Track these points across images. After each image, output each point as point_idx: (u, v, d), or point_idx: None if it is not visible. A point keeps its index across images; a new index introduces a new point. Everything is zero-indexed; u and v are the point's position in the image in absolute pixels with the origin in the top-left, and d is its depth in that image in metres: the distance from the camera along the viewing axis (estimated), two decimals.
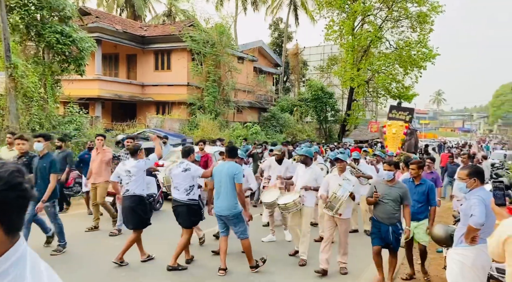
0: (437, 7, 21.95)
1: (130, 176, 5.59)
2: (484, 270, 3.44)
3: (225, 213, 5.23)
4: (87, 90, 18.73)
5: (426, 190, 5.29)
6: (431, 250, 6.96)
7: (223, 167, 5.32)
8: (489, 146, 32.53)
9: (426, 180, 5.44)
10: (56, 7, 12.71)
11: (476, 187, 3.51)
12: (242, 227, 5.32)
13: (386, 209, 4.94)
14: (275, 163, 7.48)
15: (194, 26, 20.88)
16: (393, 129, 14.61)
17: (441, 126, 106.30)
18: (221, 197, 5.23)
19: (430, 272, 5.85)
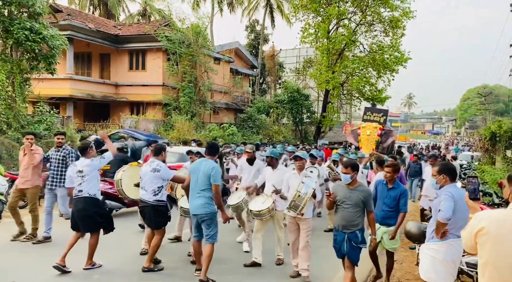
0: (408, 13, 22.64)
1: (83, 177, 5.21)
2: (455, 264, 3.57)
3: (199, 211, 4.92)
4: (58, 89, 18.16)
5: (398, 195, 4.95)
6: (404, 248, 7.16)
7: (200, 164, 5.05)
8: (458, 148, 33.81)
9: (400, 185, 5.10)
10: (25, 2, 12.29)
11: (446, 183, 3.65)
12: (213, 230, 4.97)
13: (345, 215, 4.39)
14: (246, 164, 6.97)
15: (170, 26, 20.65)
16: (367, 131, 14.66)
17: (412, 128, 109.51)
18: (195, 195, 4.97)
19: (403, 269, 6.00)
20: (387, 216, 4.97)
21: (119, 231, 5.96)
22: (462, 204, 3.27)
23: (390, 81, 24.34)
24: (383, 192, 5.07)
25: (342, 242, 4.39)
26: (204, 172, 4.93)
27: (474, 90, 76.72)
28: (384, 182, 5.12)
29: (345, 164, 4.53)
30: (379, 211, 4.97)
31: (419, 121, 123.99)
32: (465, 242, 2.27)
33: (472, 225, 2.20)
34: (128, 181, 5.93)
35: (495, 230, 2.09)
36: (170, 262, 5.74)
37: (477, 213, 2.26)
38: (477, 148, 30.11)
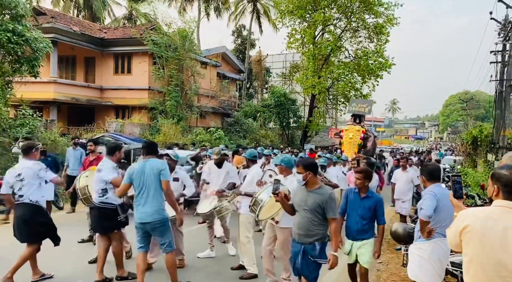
0: (392, 19, 23.08)
1: (21, 180, 4.72)
2: (441, 263, 3.64)
3: (150, 219, 4.40)
4: (42, 93, 17.83)
5: (373, 205, 4.30)
6: (389, 249, 7.26)
7: (144, 166, 4.46)
8: (442, 153, 34.51)
9: (374, 193, 4.49)
10: (7, 4, 12.04)
11: (425, 183, 3.79)
12: (168, 237, 4.50)
13: (301, 223, 3.71)
14: (214, 167, 6.44)
15: (156, 30, 20.55)
16: (350, 134, 14.16)
17: (396, 133, 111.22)
18: (145, 201, 4.41)
19: (389, 271, 6.07)
20: (361, 229, 4.30)
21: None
22: (446, 203, 3.34)
23: (375, 87, 24.71)
24: (355, 202, 4.37)
25: (296, 255, 3.72)
26: (153, 173, 4.40)
27: (456, 96, 78.49)
28: (356, 191, 4.42)
29: (297, 162, 3.98)
30: (352, 223, 4.34)
31: (403, 126, 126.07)
32: (451, 240, 2.31)
33: (457, 223, 2.25)
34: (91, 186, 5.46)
35: (480, 228, 2.14)
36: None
37: (462, 211, 2.31)
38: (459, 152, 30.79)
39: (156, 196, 4.42)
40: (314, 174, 3.71)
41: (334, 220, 3.68)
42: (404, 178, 8.23)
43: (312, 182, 3.72)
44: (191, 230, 7.61)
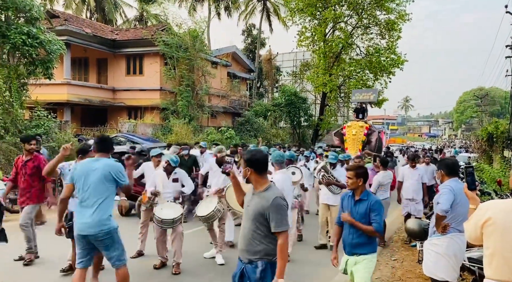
0: (404, 15, 22.81)
1: None
2: (457, 258, 3.58)
3: (92, 231, 3.69)
4: (56, 94, 18.12)
5: (368, 209, 3.50)
6: (404, 246, 7.17)
7: (90, 166, 3.78)
8: (457, 150, 33.99)
9: (370, 195, 3.66)
10: (22, 7, 12.28)
11: (443, 178, 3.71)
12: (117, 250, 3.83)
13: (242, 234, 2.91)
14: (216, 166, 6.26)
15: (167, 31, 20.69)
16: (353, 131, 13.60)
17: (409, 131, 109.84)
18: (86, 210, 3.71)
19: (404, 268, 5.99)
20: (355, 242, 3.51)
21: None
22: (463, 198, 3.29)
23: (387, 84, 24.48)
24: (349, 206, 3.66)
25: (234, 276, 2.93)
26: (102, 176, 3.71)
27: (470, 92, 77.16)
28: (350, 194, 3.70)
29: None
30: (345, 235, 3.64)
31: (416, 124, 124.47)
32: (470, 233, 2.26)
33: (478, 216, 2.20)
34: None
35: (502, 220, 2.10)
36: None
37: (482, 204, 2.26)
38: (474, 149, 30.26)
39: (102, 205, 3.71)
40: (258, 171, 2.83)
41: (280, 234, 2.71)
42: (416, 176, 7.55)
43: (256, 182, 2.86)
44: (196, 231, 7.54)
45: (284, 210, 2.80)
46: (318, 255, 6.54)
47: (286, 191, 4.56)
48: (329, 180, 6.69)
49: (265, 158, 2.90)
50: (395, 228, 8.74)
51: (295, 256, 6.20)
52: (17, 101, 12.42)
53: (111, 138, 4.32)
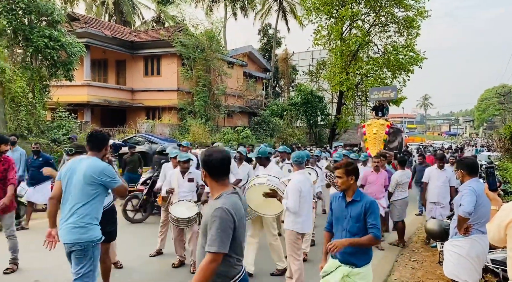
0: (423, 12, 22.37)
1: None
2: (479, 260, 3.50)
3: (66, 239, 3.30)
4: (76, 96, 18.54)
5: (362, 212, 3.09)
6: (424, 247, 7.04)
7: (77, 165, 3.41)
8: (478, 149, 33.13)
9: (364, 196, 3.21)
10: (44, 11, 12.62)
11: (464, 178, 3.62)
12: (84, 267, 3.29)
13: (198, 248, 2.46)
14: None
15: (184, 31, 20.89)
16: (373, 129, 12.90)
17: (428, 130, 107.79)
18: (65, 214, 3.34)
19: (424, 269, 5.89)
20: (349, 250, 3.08)
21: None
22: (484, 198, 3.22)
23: (406, 82, 24.04)
24: (339, 210, 3.23)
25: None
26: (85, 178, 3.31)
27: (492, 90, 75.12)
28: (341, 195, 3.28)
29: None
30: (340, 237, 3.19)
31: (435, 123, 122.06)
32: (493, 235, 2.21)
33: (501, 217, 2.14)
34: None
35: None
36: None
37: (506, 205, 2.21)
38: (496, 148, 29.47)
39: (79, 210, 3.29)
40: (212, 175, 2.34)
41: (208, 255, 2.14)
42: (442, 178, 6.85)
43: (211, 187, 2.38)
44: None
45: (224, 226, 2.13)
46: None
47: (304, 193, 4.47)
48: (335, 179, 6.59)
49: (222, 159, 2.32)
50: (415, 228, 8.59)
51: (310, 256, 6.16)
52: (39, 103, 12.77)
53: (103, 134, 3.63)
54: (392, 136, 13.13)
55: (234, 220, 2.21)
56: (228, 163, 2.37)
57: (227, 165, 2.36)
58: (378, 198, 6.69)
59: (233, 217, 2.20)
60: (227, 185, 2.37)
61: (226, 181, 2.37)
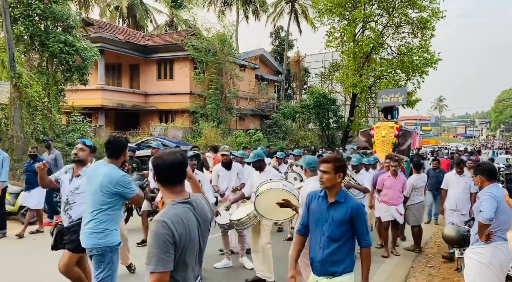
0: (437, 13, 22.04)
1: None
2: (502, 269, 3.38)
3: (85, 243, 3.41)
4: (91, 99, 18.79)
5: (347, 216, 2.71)
6: (441, 253, 6.88)
7: (96, 171, 3.45)
8: (495, 152, 32.38)
9: (349, 196, 2.85)
10: (60, 17, 12.85)
11: (484, 184, 3.50)
12: (105, 272, 3.34)
13: None
14: (223, 171, 5.87)
15: (196, 35, 21.03)
16: (382, 132, 12.42)
17: (443, 132, 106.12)
18: (86, 218, 3.45)
19: (441, 275, 5.75)
20: (329, 259, 2.71)
21: None
22: (505, 205, 3.12)
23: (420, 83, 23.70)
24: (319, 212, 2.81)
25: None
26: (98, 184, 3.35)
27: (510, 91, 73.66)
28: (322, 194, 2.85)
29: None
30: (314, 249, 2.80)
31: (451, 125, 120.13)
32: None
33: None
34: None
35: None
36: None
37: None
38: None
39: (98, 216, 3.36)
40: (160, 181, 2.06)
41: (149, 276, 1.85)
42: (462, 184, 6.47)
43: (163, 195, 2.11)
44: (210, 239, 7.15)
45: (158, 241, 1.83)
46: None
47: None
48: (349, 183, 6.07)
49: (171, 163, 1.99)
50: (431, 233, 8.42)
51: None
52: (55, 107, 12.98)
53: (121, 140, 3.53)
54: (402, 139, 12.61)
55: (174, 234, 1.84)
56: (180, 167, 2.02)
57: (177, 170, 2.02)
58: (396, 204, 6.56)
59: (172, 231, 1.84)
60: (180, 193, 2.03)
61: (177, 188, 2.03)
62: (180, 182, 2.06)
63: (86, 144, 3.97)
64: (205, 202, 2.17)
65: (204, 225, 2.08)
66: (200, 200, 2.12)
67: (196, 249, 2.01)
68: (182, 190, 2.05)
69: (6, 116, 11.50)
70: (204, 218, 2.08)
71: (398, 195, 6.59)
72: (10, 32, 11.02)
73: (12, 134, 11.12)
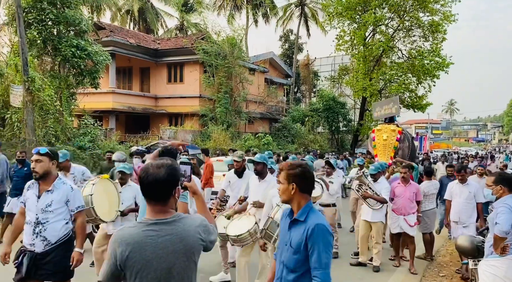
0: (449, 16, 21.81)
1: None
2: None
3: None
4: (102, 103, 18.98)
5: (303, 239, 2.20)
6: (453, 262, 6.76)
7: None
8: (509, 156, 31.72)
9: (312, 213, 2.27)
10: (72, 21, 13.01)
11: (503, 194, 3.41)
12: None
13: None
14: (234, 177, 5.44)
15: (206, 39, 21.12)
16: (383, 135, 11.83)
17: (454, 136, 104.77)
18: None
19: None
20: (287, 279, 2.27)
21: None
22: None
23: (431, 87, 23.45)
24: (283, 233, 2.42)
25: None
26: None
27: None
28: (289, 210, 2.38)
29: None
30: (278, 271, 2.38)
31: (462, 128, 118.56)
32: None
33: None
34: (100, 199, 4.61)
35: None
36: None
37: None
38: None
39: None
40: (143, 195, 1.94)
41: None
42: (465, 193, 5.97)
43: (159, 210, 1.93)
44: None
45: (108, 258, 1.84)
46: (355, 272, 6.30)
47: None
48: (366, 193, 6.02)
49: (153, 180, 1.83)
50: (443, 241, 8.27)
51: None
52: (66, 110, 13.13)
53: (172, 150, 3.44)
54: (402, 143, 12.01)
55: (116, 254, 1.78)
56: (151, 184, 1.82)
57: (148, 186, 1.83)
58: (406, 214, 6.17)
59: (116, 251, 1.78)
60: (159, 213, 1.85)
61: (157, 207, 1.85)
62: (155, 201, 1.85)
63: (40, 153, 3.32)
64: (197, 225, 1.90)
65: (182, 252, 1.83)
66: (185, 224, 1.87)
67: (159, 277, 1.79)
68: (163, 210, 1.86)
69: (19, 119, 11.66)
70: (182, 246, 1.83)
71: (408, 204, 6.17)
72: (24, 37, 11.19)
73: (25, 137, 11.27)
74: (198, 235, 1.89)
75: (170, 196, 1.88)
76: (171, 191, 1.87)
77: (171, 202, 1.90)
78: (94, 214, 4.46)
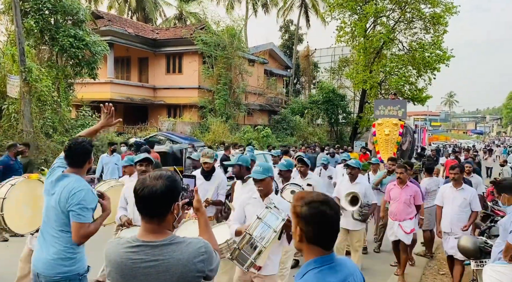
0: (451, 8, 21.58)
1: None
2: None
3: (46, 271, 2.69)
4: (99, 93, 18.79)
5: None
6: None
7: (56, 184, 2.80)
8: (507, 149, 31.71)
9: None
10: (70, 11, 12.80)
11: (510, 202, 3.35)
12: None
13: None
14: (201, 179, 4.54)
15: (205, 29, 20.86)
16: (385, 129, 11.16)
17: (453, 128, 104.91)
18: (47, 239, 2.75)
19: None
20: None
21: None
22: None
23: (431, 80, 23.33)
24: None
25: None
26: (58, 199, 2.71)
27: None
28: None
29: None
30: None
31: (461, 120, 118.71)
32: None
33: None
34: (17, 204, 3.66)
35: None
36: None
37: None
38: None
39: (63, 236, 2.71)
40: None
41: None
42: (459, 200, 5.07)
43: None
44: None
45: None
46: None
47: None
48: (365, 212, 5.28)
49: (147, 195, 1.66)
50: None
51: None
52: (64, 101, 12.99)
53: (84, 145, 2.89)
54: (404, 137, 11.56)
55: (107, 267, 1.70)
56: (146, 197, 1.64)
57: (143, 199, 1.65)
58: (401, 220, 5.37)
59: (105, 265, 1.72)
60: (149, 232, 1.67)
61: (147, 226, 1.68)
62: (153, 218, 1.66)
63: None
64: (195, 254, 1.66)
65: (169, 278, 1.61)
66: (177, 251, 1.64)
67: None
68: (155, 230, 1.66)
69: (16, 110, 11.53)
70: (169, 276, 1.61)
71: (404, 209, 5.38)
72: (21, 26, 11.00)
73: (22, 128, 11.16)
74: (193, 266, 1.63)
75: (167, 212, 1.66)
76: (169, 206, 1.66)
77: (169, 220, 1.68)
78: (3, 224, 3.53)
